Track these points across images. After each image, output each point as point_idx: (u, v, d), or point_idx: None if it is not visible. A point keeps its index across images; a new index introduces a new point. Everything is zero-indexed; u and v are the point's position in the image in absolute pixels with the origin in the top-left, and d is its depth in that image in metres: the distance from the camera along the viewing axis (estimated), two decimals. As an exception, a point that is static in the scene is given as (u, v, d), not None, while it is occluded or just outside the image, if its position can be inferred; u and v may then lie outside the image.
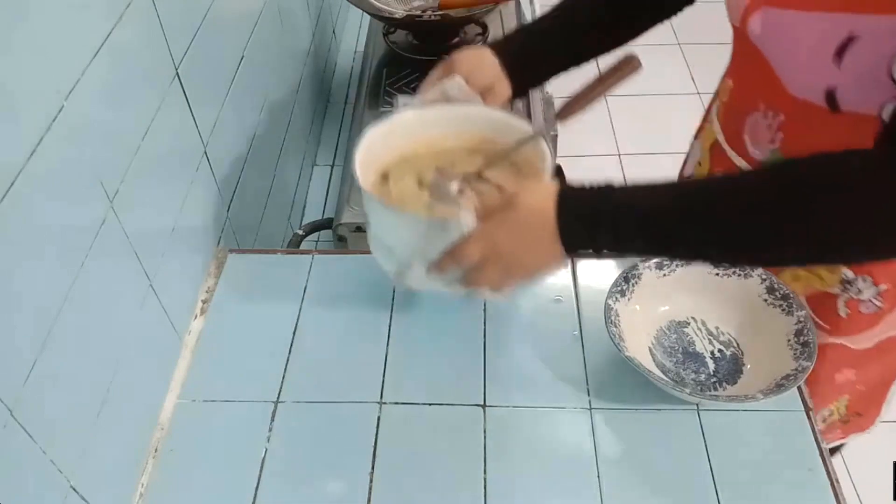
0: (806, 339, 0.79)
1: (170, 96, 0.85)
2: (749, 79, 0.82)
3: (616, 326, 0.81)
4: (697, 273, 0.88)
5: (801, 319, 0.81)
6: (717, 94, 0.94)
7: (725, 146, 0.88)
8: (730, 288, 0.87)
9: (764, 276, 0.85)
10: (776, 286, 0.84)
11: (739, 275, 0.86)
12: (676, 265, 0.88)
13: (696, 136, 1.03)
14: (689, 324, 0.88)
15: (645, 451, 0.78)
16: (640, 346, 0.84)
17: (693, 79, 2.63)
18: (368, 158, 0.78)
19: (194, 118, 0.92)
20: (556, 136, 1.63)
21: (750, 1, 0.74)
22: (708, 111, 0.98)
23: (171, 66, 0.86)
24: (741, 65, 0.85)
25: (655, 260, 0.87)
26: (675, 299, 0.88)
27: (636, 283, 0.86)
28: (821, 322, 0.89)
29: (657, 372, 0.81)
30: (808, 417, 0.80)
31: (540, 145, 0.76)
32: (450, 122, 0.83)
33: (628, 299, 0.86)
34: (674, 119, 2.50)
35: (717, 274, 0.87)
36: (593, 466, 0.77)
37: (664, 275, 0.88)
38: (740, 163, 0.86)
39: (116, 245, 0.73)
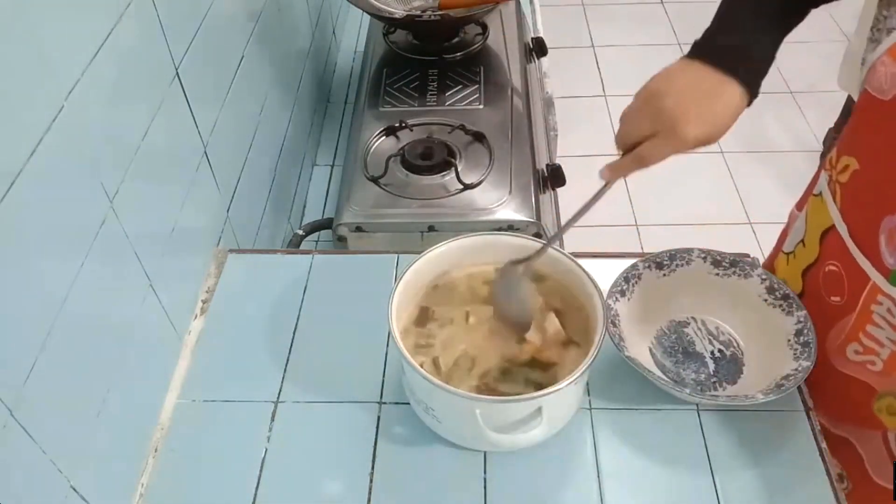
0: (806, 339, 0.79)
1: (170, 96, 0.85)
2: (890, 167, 0.68)
3: (616, 326, 0.81)
4: (697, 273, 0.88)
5: (801, 319, 0.81)
6: (826, 166, 0.79)
7: (849, 242, 0.74)
8: (730, 288, 0.87)
9: (764, 276, 0.85)
10: (776, 286, 0.84)
11: (739, 275, 0.86)
12: (676, 265, 0.88)
13: (798, 208, 0.91)
14: (689, 324, 0.88)
15: (645, 451, 0.78)
16: (640, 346, 0.85)
17: (693, 79, 2.62)
18: (404, 299, 0.78)
19: (194, 118, 0.92)
20: (556, 135, 1.63)
21: None
22: (814, 182, 0.84)
23: (171, 66, 0.86)
24: (876, 146, 0.70)
25: (655, 260, 0.87)
26: (675, 299, 0.88)
27: (636, 283, 0.86)
28: None
29: (657, 372, 0.81)
30: (808, 417, 0.80)
31: (584, 279, 0.78)
32: (480, 250, 0.83)
33: (628, 299, 0.86)
34: (674, 119, 2.50)
35: (717, 274, 0.87)
36: (593, 466, 0.77)
37: (664, 275, 0.88)
38: (866, 266, 0.71)
39: (116, 245, 0.73)
